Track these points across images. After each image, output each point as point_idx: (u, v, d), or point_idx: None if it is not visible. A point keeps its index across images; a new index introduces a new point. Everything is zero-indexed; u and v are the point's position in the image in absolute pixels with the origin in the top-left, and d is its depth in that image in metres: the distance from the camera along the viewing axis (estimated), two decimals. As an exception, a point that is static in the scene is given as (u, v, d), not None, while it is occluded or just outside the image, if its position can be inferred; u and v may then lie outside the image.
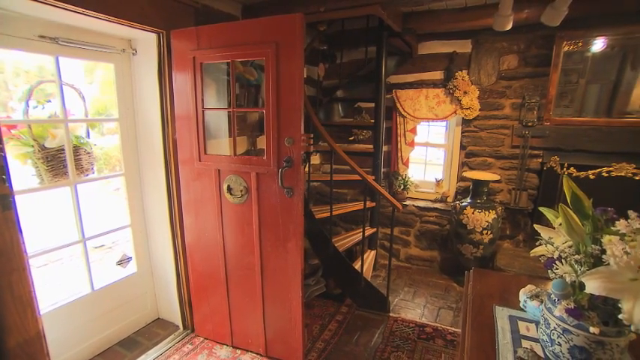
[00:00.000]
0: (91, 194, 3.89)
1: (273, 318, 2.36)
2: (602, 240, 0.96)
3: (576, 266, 1.03)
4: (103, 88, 2.97)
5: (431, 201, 3.86)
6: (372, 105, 3.44)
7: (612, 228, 0.94)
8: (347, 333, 2.73)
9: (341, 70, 3.75)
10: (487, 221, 3.17)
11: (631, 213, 0.95)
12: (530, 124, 3.30)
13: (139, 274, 2.65)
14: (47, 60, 2.05)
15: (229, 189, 2.22)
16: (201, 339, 2.61)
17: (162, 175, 2.44)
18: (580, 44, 3.07)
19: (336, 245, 3.03)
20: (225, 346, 2.53)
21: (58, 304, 2.19)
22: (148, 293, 2.73)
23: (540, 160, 3.35)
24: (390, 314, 2.95)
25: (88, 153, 2.23)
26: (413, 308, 3.08)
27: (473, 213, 3.18)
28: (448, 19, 3.14)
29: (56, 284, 3.21)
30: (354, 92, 3.73)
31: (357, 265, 3.04)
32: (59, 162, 2.05)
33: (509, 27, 2.55)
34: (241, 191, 2.18)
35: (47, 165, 1.99)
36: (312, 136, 1.96)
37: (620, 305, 0.90)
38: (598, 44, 3.02)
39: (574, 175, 3.17)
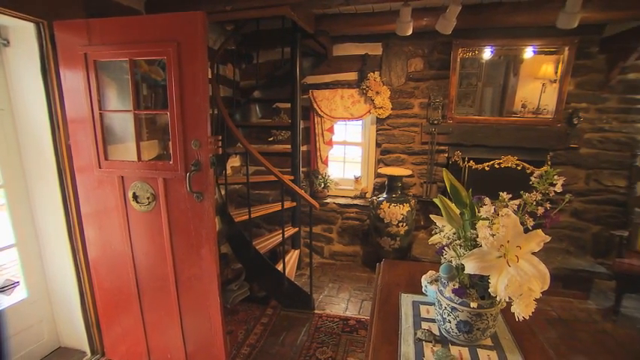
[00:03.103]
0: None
1: (192, 329, 2.25)
2: (477, 225, 1.09)
3: (459, 250, 1.15)
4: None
5: (351, 198, 4.02)
6: (290, 105, 3.47)
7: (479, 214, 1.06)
8: (273, 335, 2.72)
9: (258, 71, 3.72)
10: (402, 214, 3.40)
11: (502, 195, 1.09)
12: (436, 121, 3.62)
13: (30, 300, 2.33)
14: None
15: (135, 197, 2.06)
16: (114, 362, 2.39)
17: (55, 185, 2.17)
18: (476, 52, 3.46)
19: (258, 247, 3.01)
20: (140, 366, 2.35)
21: None
22: (44, 320, 2.41)
23: (446, 154, 3.70)
24: (315, 311, 3.00)
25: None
26: (337, 303, 3.17)
27: (389, 207, 3.39)
28: (358, 23, 3.31)
29: None
30: (272, 93, 3.72)
31: (280, 266, 3.04)
32: None
33: (409, 32, 2.76)
34: (148, 198, 2.04)
35: None
36: (220, 138, 1.90)
37: (489, 280, 1.03)
38: (487, 53, 3.44)
39: (473, 167, 3.55)
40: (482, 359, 1.13)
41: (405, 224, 3.42)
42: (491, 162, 3.48)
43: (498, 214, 0.98)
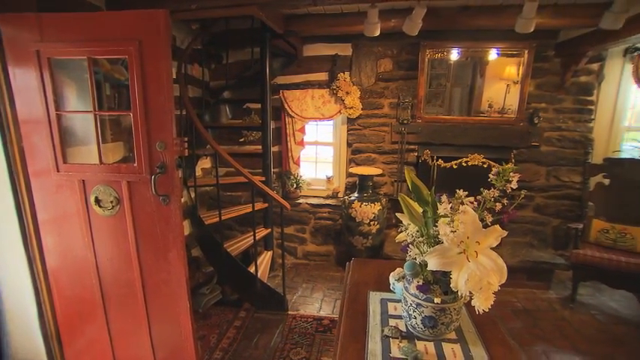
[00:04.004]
0: None
1: (161, 336, 2.18)
2: (438, 222, 1.12)
3: (422, 247, 1.18)
4: None
5: (323, 198, 4.04)
6: (260, 106, 3.44)
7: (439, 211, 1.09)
8: (246, 338, 2.69)
9: (228, 71, 3.67)
10: (373, 213, 3.45)
11: (458, 192, 1.13)
12: (405, 121, 3.69)
13: (-17, 313, 2.19)
14: None
15: (98, 201, 1.98)
16: (76, 375, 2.28)
17: (7, 191, 2.04)
18: (444, 53, 3.55)
19: (230, 249, 2.97)
20: (106, 378, 2.26)
21: None
22: (-2, 333, 2.27)
23: (416, 153, 3.78)
24: (289, 312, 2.99)
25: None
26: (311, 303, 3.18)
27: (360, 206, 3.43)
28: (328, 23, 3.32)
29: None
30: (242, 93, 3.68)
31: (253, 268, 3.01)
32: None
33: (377, 33, 2.80)
34: (112, 202, 1.97)
35: None
36: (186, 139, 1.86)
37: (451, 276, 1.06)
38: (455, 54, 3.54)
39: (442, 165, 3.65)
40: (447, 353, 1.16)
41: (376, 223, 3.48)
42: (459, 160, 3.59)
43: (458, 211, 1.01)
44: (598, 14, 2.48)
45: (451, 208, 1.02)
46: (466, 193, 1.07)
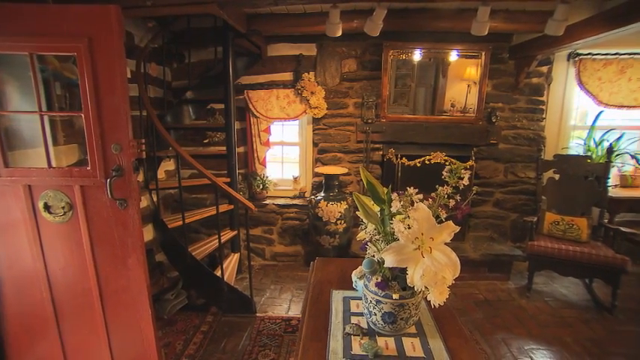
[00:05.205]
0: None
1: (122, 346, 2.09)
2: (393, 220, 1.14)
3: (380, 245, 1.20)
4: None
5: (290, 198, 4.02)
6: (224, 106, 3.38)
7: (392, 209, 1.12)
8: (213, 342, 2.63)
9: (190, 71, 3.57)
10: (340, 212, 3.48)
11: (409, 190, 1.16)
12: (370, 121, 3.74)
13: None
14: None
15: (47, 207, 1.86)
16: (27, 395, 2.14)
17: (-57, 199, 1.89)
18: (409, 54, 3.63)
19: (195, 253, 2.90)
20: (62, 394, 2.14)
21: None
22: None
23: (381, 152, 3.85)
24: (257, 314, 2.96)
25: None
26: (280, 304, 3.16)
27: (327, 205, 3.44)
28: (291, 23, 3.31)
29: None
30: (205, 93, 3.59)
31: (219, 271, 2.95)
32: None
33: (339, 34, 2.82)
34: (63, 208, 1.86)
35: None
36: (143, 141, 1.79)
37: (407, 272, 1.09)
38: (417, 55, 3.63)
39: (406, 164, 3.74)
40: (407, 347, 1.19)
41: (343, 222, 3.51)
42: (422, 158, 3.69)
43: (410, 208, 1.04)
44: (544, 21, 2.64)
45: (402, 205, 1.05)
46: (416, 190, 1.10)
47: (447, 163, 3.58)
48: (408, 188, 1.10)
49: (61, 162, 2.40)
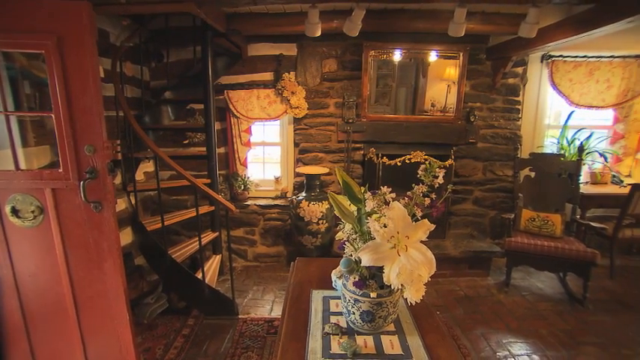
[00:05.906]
0: None
1: (98, 354, 2.03)
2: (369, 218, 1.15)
3: (357, 244, 1.21)
4: None
5: (272, 198, 4.00)
6: (204, 106, 3.33)
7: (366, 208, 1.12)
8: (195, 346, 2.59)
9: (169, 70, 3.51)
10: (321, 212, 3.48)
11: (382, 189, 1.16)
12: (350, 120, 3.76)
13: None
14: None
15: (15, 211, 1.80)
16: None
17: None
18: (389, 54, 3.66)
19: (176, 255, 2.85)
20: (34, 404, 2.06)
21: None
22: None
23: (362, 152, 3.87)
24: (240, 316, 2.93)
25: None
26: (262, 305, 3.14)
27: (308, 205, 3.44)
28: (271, 23, 3.29)
29: None
30: (184, 93, 3.53)
31: (200, 274, 2.91)
32: None
33: (318, 34, 2.82)
34: (33, 212, 1.80)
35: None
36: (119, 142, 1.75)
37: (384, 271, 1.10)
38: (397, 55, 3.67)
39: (386, 163, 3.77)
40: (385, 344, 1.20)
41: (325, 221, 3.51)
42: (403, 157, 3.72)
43: (384, 207, 1.05)
44: (518, 23, 2.71)
45: (376, 204, 1.06)
46: (390, 189, 1.11)
47: (427, 163, 3.71)
48: (382, 187, 1.11)
49: (31, 164, 2.32)
